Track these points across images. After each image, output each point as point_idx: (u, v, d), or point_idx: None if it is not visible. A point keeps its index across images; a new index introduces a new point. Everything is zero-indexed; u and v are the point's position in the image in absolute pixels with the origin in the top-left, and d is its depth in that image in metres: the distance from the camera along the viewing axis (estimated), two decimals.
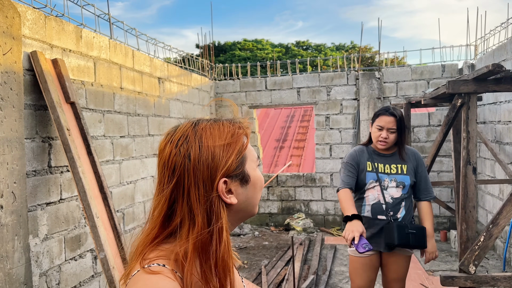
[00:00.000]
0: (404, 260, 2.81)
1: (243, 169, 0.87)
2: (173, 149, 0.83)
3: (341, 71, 7.24)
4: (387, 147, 2.80)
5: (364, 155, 2.84)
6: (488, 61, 5.67)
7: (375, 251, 2.79)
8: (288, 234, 6.89)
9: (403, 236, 2.64)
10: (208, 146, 0.83)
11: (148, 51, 5.23)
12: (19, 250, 2.83)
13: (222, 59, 23.08)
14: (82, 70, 3.68)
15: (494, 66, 2.66)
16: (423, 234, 2.71)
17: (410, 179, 2.78)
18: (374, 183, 2.77)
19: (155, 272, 0.77)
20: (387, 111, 2.75)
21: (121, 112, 4.32)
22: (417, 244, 2.69)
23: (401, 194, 2.76)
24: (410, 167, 2.81)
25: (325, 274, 4.87)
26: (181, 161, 0.82)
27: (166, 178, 0.84)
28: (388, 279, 2.85)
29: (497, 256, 5.41)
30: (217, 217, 0.82)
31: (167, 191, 0.83)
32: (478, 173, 6.24)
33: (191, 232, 0.80)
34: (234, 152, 0.85)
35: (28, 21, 3.08)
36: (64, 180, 3.38)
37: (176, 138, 0.85)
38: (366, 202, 2.78)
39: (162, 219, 0.84)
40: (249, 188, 0.89)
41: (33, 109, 3.08)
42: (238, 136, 0.87)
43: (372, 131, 2.82)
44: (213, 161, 0.82)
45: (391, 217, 2.73)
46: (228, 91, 7.66)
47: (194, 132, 0.85)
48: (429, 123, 6.90)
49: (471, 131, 2.98)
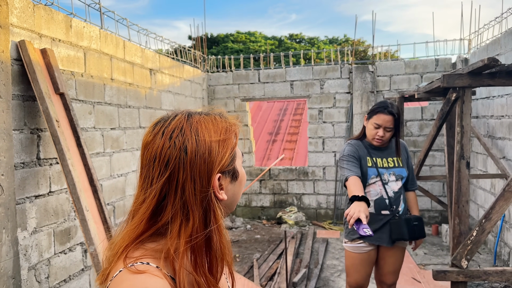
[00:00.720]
0: (401, 252, 2.85)
1: (234, 166, 0.87)
2: (166, 141, 0.80)
3: (334, 64, 7.20)
4: (382, 145, 2.80)
5: (361, 149, 2.79)
6: (481, 55, 5.67)
7: (374, 246, 2.78)
8: (280, 228, 6.88)
9: (411, 230, 2.67)
10: (205, 140, 0.80)
11: (139, 42, 5.16)
12: (7, 243, 2.78)
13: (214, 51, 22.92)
14: (72, 60, 3.60)
15: (490, 60, 2.64)
16: (423, 224, 2.75)
17: (405, 171, 2.81)
18: (375, 178, 2.76)
19: (141, 271, 0.73)
20: (385, 109, 2.67)
21: (111, 104, 4.25)
22: (421, 235, 2.72)
23: (400, 187, 2.77)
24: (404, 159, 2.85)
25: (317, 268, 4.87)
26: (176, 154, 0.78)
27: (156, 171, 0.79)
28: (384, 272, 2.85)
29: (488, 250, 5.45)
30: (215, 212, 0.80)
31: (157, 185, 0.78)
32: (471, 167, 6.27)
33: (184, 229, 0.77)
34: (228, 148, 0.84)
35: (16, 9, 3.00)
36: (53, 173, 3.32)
37: (169, 129, 0.81)
38: (369, 198, 2.73)
39: (149, 215, 0.79)
40: (237, 185, 0.89)
41: (21, 100, 3.01)
42: (231, 132, 0.86)
43: (368, 128, 2.76)
44: (210, 156, 0.80)
45: (394, 211, 2.73)
46: (221, 83, 7.59)
47: (189, 124, 0.82)
48: (422, 117, 6.90)
49: (465, 125, 2.97)
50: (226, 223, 7.07)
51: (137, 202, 0.82)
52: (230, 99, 7.58)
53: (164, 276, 0.75)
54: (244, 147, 7.57)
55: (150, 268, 0.75)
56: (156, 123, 0.85)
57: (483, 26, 5.88)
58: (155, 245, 0.80)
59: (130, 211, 0.84)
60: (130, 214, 0.84)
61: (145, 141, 0.83)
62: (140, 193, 0.82)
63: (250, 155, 7.61)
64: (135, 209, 0.82)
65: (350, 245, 2.79)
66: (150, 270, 0.74)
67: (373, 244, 2.77)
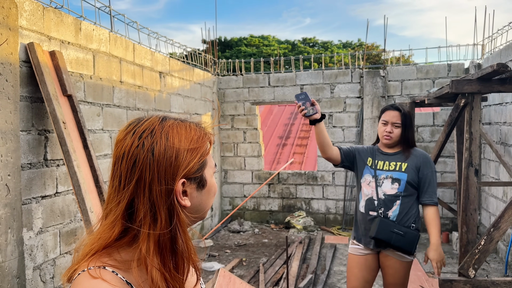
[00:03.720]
0: (402, 266, 2.68)
1: (202, 174, 0.87)
2: (135, 140, 0.81)
3: (345, 69, 7.16)
4: (392, 143, 2.72)
5: (369, 151, 2.85)
6: (495, 61, 5.58)
7: (369, 249, 2.74)
8: (288, 232, 6.84)
9: (385, 232, 2.57)
10: (174, 144, 0.82)
11: (149, 45, 5.19)
12: (12, 243, 2.81)
13: (228, 55, 23.00)
14: (80, 62, 3.64)
15: (499, 65, 2.59)
16: (413, 240, 2.60)
17: (408, 177, 2.66)
18: (370, 179, 2.75)
19: (95, 277, 0.76)
20: (392, 106, 2.75)
21: (120, 106, 4.28)
22: (400, 246, 2.59)
23: (396, 192, 2.66)
24: (412, 165, 2.69)
25: (324, 274, 4.82)
26: (144, 155, 0.80)
27: (123, 169, 0.81)
28: (387, 282, 2.78)
29: (499, 259, 5.34)
30: (179, 216, 0.81)
31: (131, 185, 0.80)
32: (482, 174, 6.16)
33: (153, 228, 0.79)
34: (197, 155, 0.85)
35: (25, 12, 3.04)
36: (60, 174, 3.35)
37: (140, 130, 0.82)
38: (362, 197, 2.78)
39: (123, 213, 0.81)
40: (204, 193, 0.89)
41: (29, 101, 3.05)
42: (203, 141, 0.87)
43: (378, 127, 2.81)
44: (176, 160, 0.81)
45: (382, 213, 2.67)
46: (231, 87, 7.60)
47: (161, 127, 0.83)
48: (434, 123, 6.81)
49: (474, 132, 2.92)
50: (234, 227, 7.07)
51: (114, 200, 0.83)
52: (240, 103, 7.58)
53: (117, 281, 0.77)
54: (253, 151, 7.56)
55: (105, 274, 0.77)
56: (130, 122, 0.86)
57: (497, 31, 5.79)
58: (125, 254, 0.82)
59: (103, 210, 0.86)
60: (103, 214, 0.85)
61: (117, 139, 0.85)
62: (111, 191, 0.84)
63: (259, 159, 7.59)
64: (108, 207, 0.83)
65: (350, 246, 2.84)
66: (104, 275, 0.76)
67: (369, 248, 2.72)
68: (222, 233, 6.96)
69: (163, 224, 0.79)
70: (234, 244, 6.29)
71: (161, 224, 0.79)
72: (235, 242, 6.41)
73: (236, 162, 7.64)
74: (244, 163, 7.61)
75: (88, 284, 0.75)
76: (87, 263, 0.79)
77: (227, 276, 3.40)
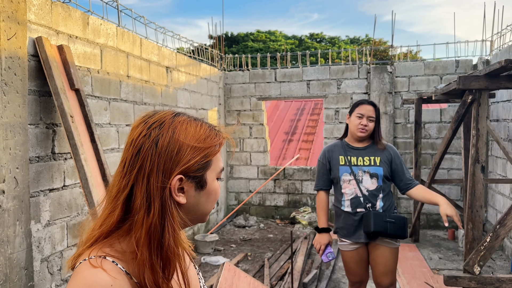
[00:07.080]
0: (391, 252, 2.80)
1: (203, 174, 0.87)
2: (144, 129, 0.84)
3: (352, 64, 7.13)
4: (366, 136, 2.83)
5: (336, 149, 2.91)
6: (503, 57, 5.53)
7: (361, 243, 2.83)
8: (293, 228, 6.86)
9: (380, 224, 2.67)
10: (178, 139, 0.83)
11: (156, 40, 5.20)
12: (20, 235, 2.84)
13: (234, 50, 22.97)
14: (88, 57, 3.66)
15: (507, 62, 2.57)
16: (403, 224, 2.73)
17: (383, 170, 2.79)
18: (349, 177, 2.82)
19: (95, 266, 0.78)
20: (366, 101, 2.87)
21: (127, 101, 4.31)
22: (396, 233, 2.71)
23: (376, 186, 2.79)
24: (384, 158, 2.83)
25: (329, 269, 4.84)
26: (148, 145, 0.82)
27: (128, 155, 0.84)
28: (377, 273, 2.85)
29: (505, 256, 5.31)
30: (170, 208, 0.82)
31: (133, 172, 0.82)
32: (489, 171, 6.12)
33: (146, 218, 0.80)
34: (200, 154, 0.85)
35: (34, 6, 3.06)
36: (67, 167, 3.38)
37: (152, 121, 0.85)
38: (345, 198, 2.84)
39: (124, 199, 0.83)
40: (203, 195, 0.89)
41: (37, 95, 3.07)
42: (212, 142, 0.87)
43: (351, 120, 2.86)
44: (177, 155, 0.83)
45: (370, 208, 2.78)
46: (237, 82, 7.60)
47: (171, 121, 0.85)
48: (441, 120, 6.78)
49: (481, 128, 2.90)
50: (240, 221, 7.10)
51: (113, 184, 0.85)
52: (246, 98, 7.58)
53: (117, 272, 0.79)
54: (259, 146, 7.56)
55: (105, 263, 0.79)
56: (147, 113, 0.89)
57: (506, 27, 5.73)
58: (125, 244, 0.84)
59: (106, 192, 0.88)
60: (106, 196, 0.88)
61: (132, 126, 0.88)
62: (115, 175, 0.86)
63: (265, 154, 7.60)
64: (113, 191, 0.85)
65: (339, 244, 2.96)
66: (104, 265, 0.78)
67: (357, 242, 2.82)
68: (227, 228, 6.99)
69: (155, 216, 0.80)
70: (240, 239, 6.32)
71: (154, 215, 0.80)
72: (241, 237, 6.44)
73: (242, 157, 7.66)
74: (250, 158, 7.62)
75: (88, 273, 0.77)
76: (89, 251, 0.82)
77: (232, 270, 3.43)
